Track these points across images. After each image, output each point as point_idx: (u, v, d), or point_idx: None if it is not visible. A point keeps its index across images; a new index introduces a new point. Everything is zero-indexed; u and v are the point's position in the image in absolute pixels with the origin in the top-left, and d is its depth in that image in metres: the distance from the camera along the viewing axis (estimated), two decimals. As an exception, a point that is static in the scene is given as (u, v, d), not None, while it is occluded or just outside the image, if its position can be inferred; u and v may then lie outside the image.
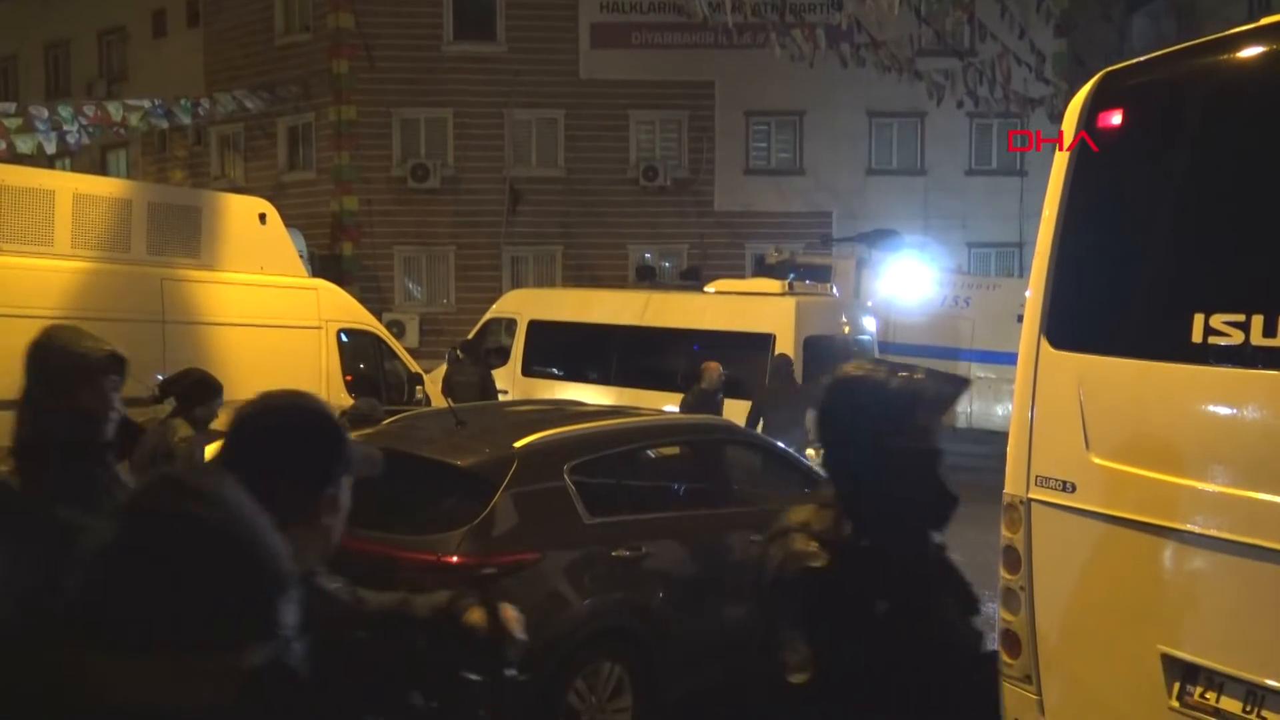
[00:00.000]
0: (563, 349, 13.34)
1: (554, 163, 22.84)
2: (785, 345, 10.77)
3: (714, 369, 10.10)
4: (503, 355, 13.86)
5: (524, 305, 14.20)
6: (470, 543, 4.84)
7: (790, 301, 11.21)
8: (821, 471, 7.47)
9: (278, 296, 10.19)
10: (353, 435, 5.85)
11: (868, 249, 18.14)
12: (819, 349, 11.09)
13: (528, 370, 13.42)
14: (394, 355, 11.22)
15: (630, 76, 22.41)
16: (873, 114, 23.15)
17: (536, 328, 13.57)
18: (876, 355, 12.30)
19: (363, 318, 11.24)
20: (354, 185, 22.17)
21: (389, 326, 15.36)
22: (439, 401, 10.56)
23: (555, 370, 13.17)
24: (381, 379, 11.05)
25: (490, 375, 13.00)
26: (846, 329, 11.62)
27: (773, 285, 11.98)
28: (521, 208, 22.41)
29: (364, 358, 11.14)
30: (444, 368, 13.18)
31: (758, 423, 9.87)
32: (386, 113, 22.25)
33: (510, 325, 14.10)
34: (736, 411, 9.96)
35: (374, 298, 20.33)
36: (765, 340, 10.91)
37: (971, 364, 16.04)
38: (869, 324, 12.31)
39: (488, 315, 14.82)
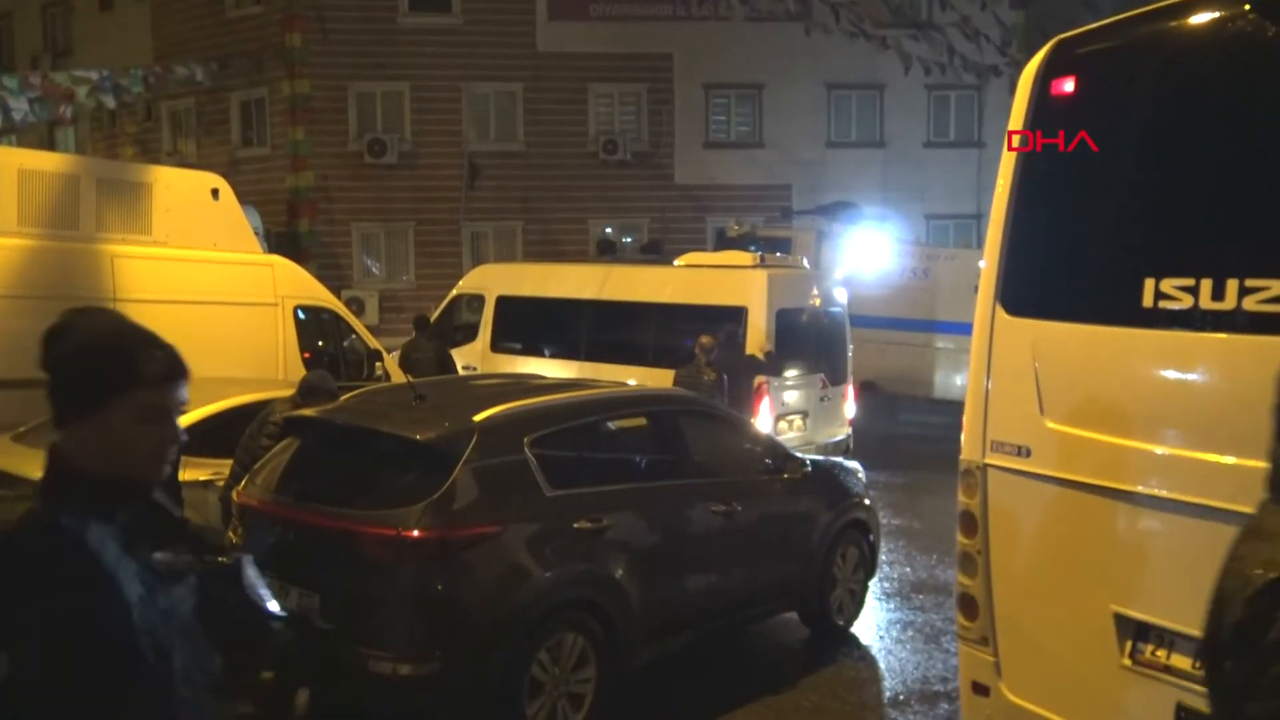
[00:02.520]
0: (532, 324, 13.19)
1: (513, 137, 22.67)
2: (758, 318, 10.72)
3: (709, 343, 9.99)
4: (470, 332, 13.72)
5: (491, 280, 14.00)
6: (430, 516, 4.83)
7: (762, 274, 11.13)
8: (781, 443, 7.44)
9: (232, 273, 10.05)
10: (309, 410, 5.78)
11: (828, 221, 18.20)
12: (791, 322, 11.07)
13: (496, 346, 13.27)
14: (353, 332, 11.12)
15: (588, 49, 22.27)
16: (831, 86, 23.20)
17: (505, 303, 13.41)
18: (849, 328, 12.25)
19: (320, 294, 11.11)
20: (310, 161, 21.88)
21: (348, 303, 15.20)
22: (399, 378, 10.49)
23: (525, 346, 13.01)
24: (340, 356, 10.94)
25: (448, 351, 12.91)
26: (816, 301, 11.57)
27: (744, 258, 11.89)
28: (481, 182, 22.26)
29: (322, 335, 11.03)
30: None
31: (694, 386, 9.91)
32: (342, 87, 21.95)
33: (476, 301, 13.94)
34: None
35: (332, 274, 20.13)
36: (738, 313, 10.84)
37: (931, 334, 16.18)
38: (840, 296, 12.22)
39: (454, 291, 14.65)
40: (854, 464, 8.12)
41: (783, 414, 10.90)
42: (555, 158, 22.39)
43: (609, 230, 22.69)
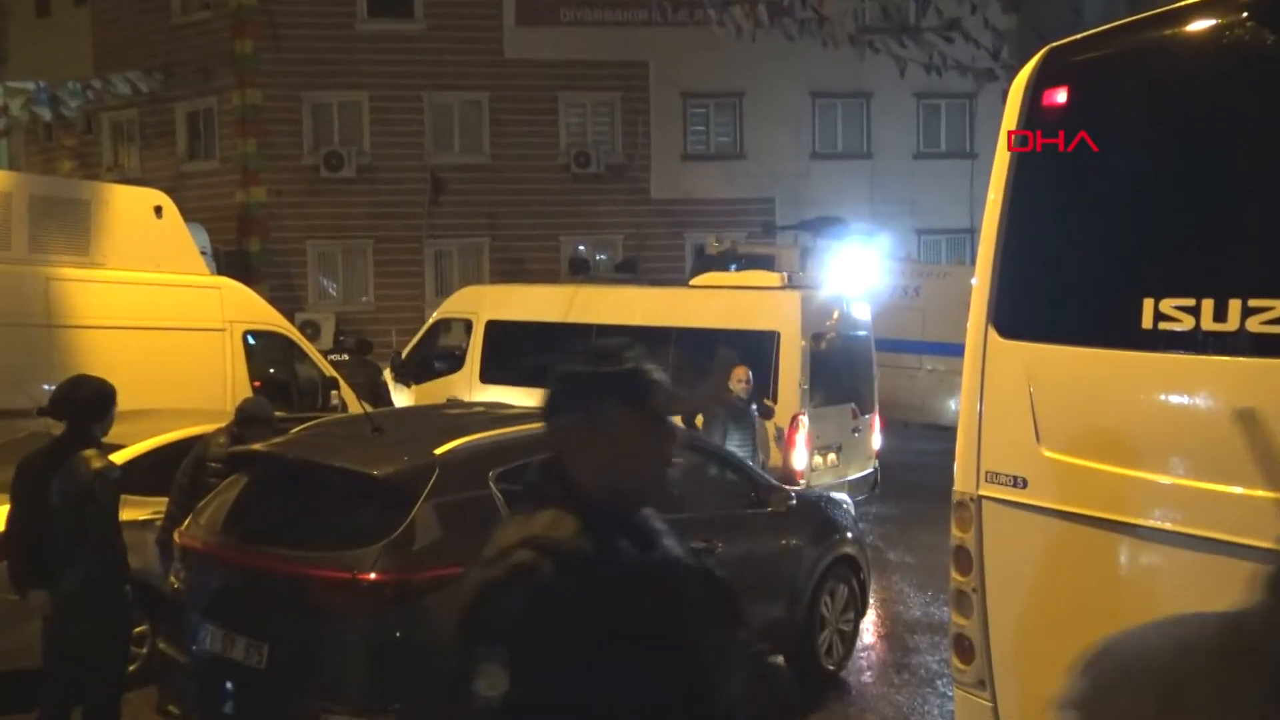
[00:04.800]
0: (529, 352, 12.71)
1: (479, 149, 22.69)
2: (791, 343, 10.42)
3: (743, 373, 9.53)
4: (454, 361, 13.48)
5: (480, 304, 13.64)
6: (388, 558, 4.77)
7: (794, 296, 10.84)
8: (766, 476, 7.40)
9: (176, 296, 9.98)
10: (255, 445, 5.73)
11: (813, 237, 18.27)
12: (821, 347, 10.82)
13: (487, 377, 12.86)
14: (307, 358, 11.04)
15: (559, 56, 22.35)
16: (816, 94, 23.38)
17: (496, 329, 13.05)
18: (874, 352, 12.04)
19: (272, 318, 11.05)
20: (261, 175, 21.82)
21: (302, 327, 15.10)
22: (355, 408, 10.42)
23: (520, 376, 12.48)
24: (293, 384, 10.87)
25: (381, 377, 12.79)
26: (834, 320, 11.39)
27: (771, 278, 11.68)
28: (444, 198, 22.24)
29: (274, 361, 10.95)
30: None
31: (693, 415, 9.82)
32: (296, 96, 21.93)
33: (462, 327, 13.67)
34: None
35: (285, 296, 20.04)
36: (769, 339, 10.50)
37: (923, 357, 16.24)
38: (863, 314, 11.82)
39: (436, 315, 14.32)
40: (842, 496, 8.10)
41: (816, 448, 10.70)
42: (524, 171, 22.42)
43: (581, 248, 22.71)
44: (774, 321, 10.72)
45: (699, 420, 9.62)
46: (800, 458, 10.15)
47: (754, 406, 9.71)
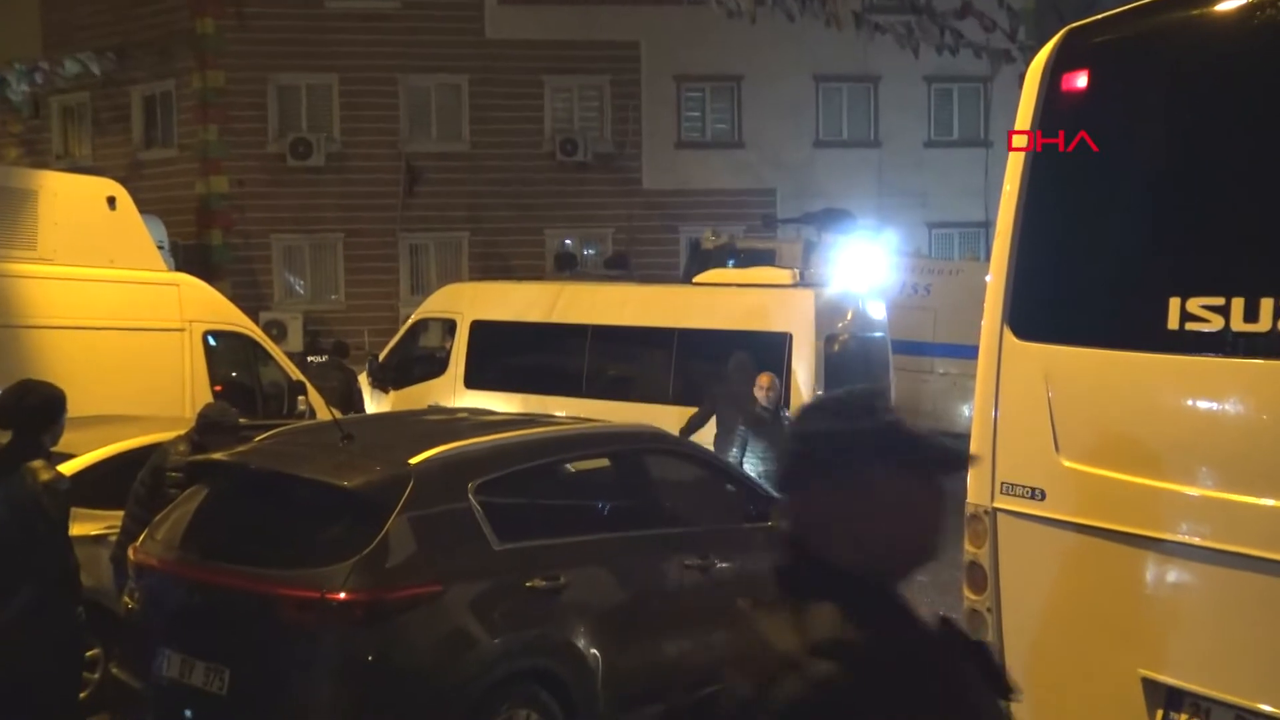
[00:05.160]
0: (518, 355, 12.68)
1: (457, 136, 22.68)
2: (804, 346, 10.38)
3: (768, 380, 9.33)
4: (435, 364, 13.46)
5: (463, 303, 13.57)
6: (360, 575, 4.78)
7: (807, 294, 10.89)
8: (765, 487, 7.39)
9: (131, 294, 9.98)
10: (217, 454, 5.72)
11: (816, 231, 18.31)
12: (836, 350, 10.85)
13: (472, 381, 12.83)
14: (272, 361, 11.04)
15: (544, 36, 22.35)
16: (820, 79, 23.41)
17: (482, 329, 13.00)
18: (891, 354, 12.04)
19: (234, 318, 11.06)
20: (223, 164, 21.78)
21: (266, 328, 15.11)
22: (324, 414, 10.42)
23: (509, 380, 12.39)
24: (258, 388, 10.86)
25: (355, 382, 12.80)
26: (847, 322, 11.35)
27: (781, 275, 11.70)
28: (420, 188, 22.22)
29: (236, 364, 10.96)
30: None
31: (700, 427, 9.80)
32: (260, 79, 21.89)
33: (445, 327, 13.65)
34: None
35: (248, 294, 20.00)
36: (780, 340, 10.54)
37: (934, 359, 16.27)
38: (877, 312, 11.87)
39: (416, 316, 14.30)
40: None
41: None
42: (506, 160, 22.40)
43: (568, 242, 22.71)
44: (785, 322, 10.70)
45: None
46: None
47: (785, 414, 9.43)
